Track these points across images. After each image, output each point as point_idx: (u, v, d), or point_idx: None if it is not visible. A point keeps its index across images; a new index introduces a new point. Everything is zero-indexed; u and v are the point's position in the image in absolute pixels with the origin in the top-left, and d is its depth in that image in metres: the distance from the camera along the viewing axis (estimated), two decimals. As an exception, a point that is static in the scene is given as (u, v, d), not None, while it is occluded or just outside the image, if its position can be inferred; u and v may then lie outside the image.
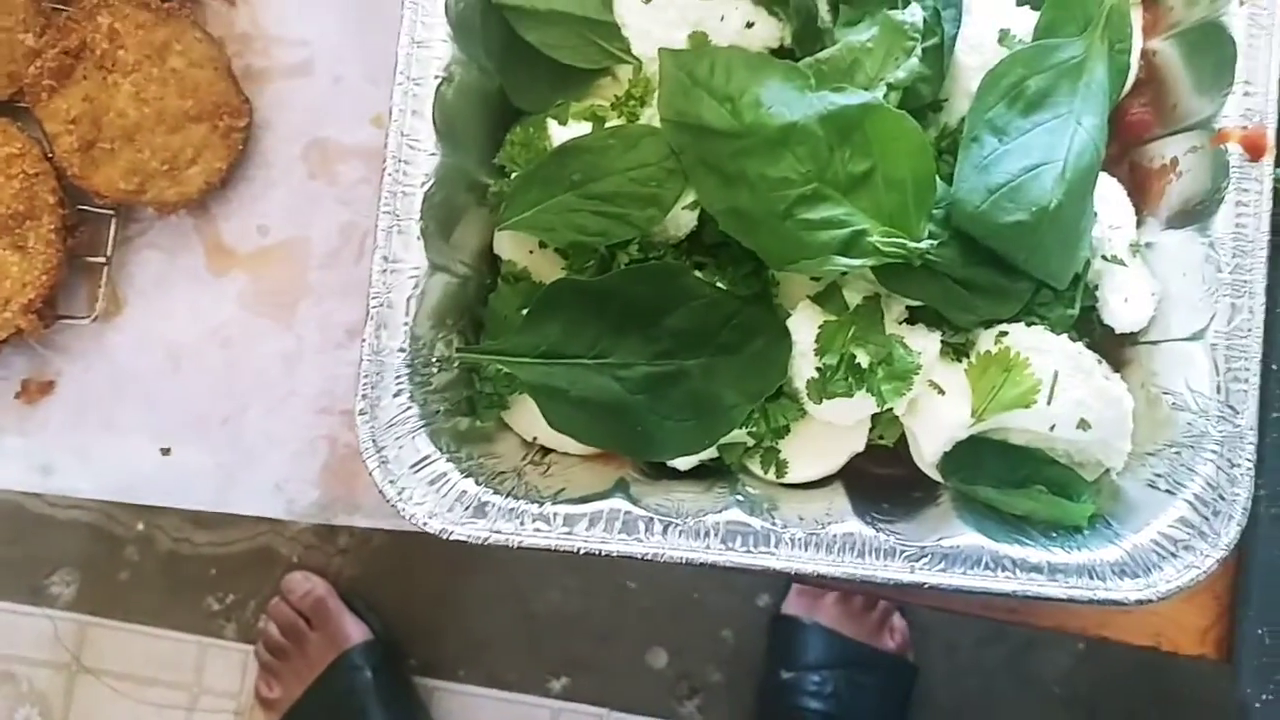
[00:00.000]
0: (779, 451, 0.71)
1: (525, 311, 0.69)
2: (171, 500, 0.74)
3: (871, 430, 0.71)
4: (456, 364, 0.70)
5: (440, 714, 1.51)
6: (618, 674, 1.52)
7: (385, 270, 0.66)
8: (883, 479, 0.73)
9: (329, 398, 0.76)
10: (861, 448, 0.71)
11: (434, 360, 0.69)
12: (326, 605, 1.46)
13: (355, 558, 1.52)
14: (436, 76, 0.68)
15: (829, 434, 0.71)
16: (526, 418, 0.73)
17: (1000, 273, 0.67)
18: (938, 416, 0.69)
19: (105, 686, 1.51)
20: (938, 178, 0.66)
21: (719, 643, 1.54)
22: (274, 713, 1.45)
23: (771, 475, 0.71)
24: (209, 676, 1.52)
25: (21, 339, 0.73)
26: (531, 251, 0.73)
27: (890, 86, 0.68)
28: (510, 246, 0.73)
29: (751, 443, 0.71)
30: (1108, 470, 0.70)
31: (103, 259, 0.77)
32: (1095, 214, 0.69)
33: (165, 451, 0.75)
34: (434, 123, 0.67)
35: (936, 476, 0.71)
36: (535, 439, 0.73)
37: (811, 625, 1.45)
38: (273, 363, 0.76)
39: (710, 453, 0.71)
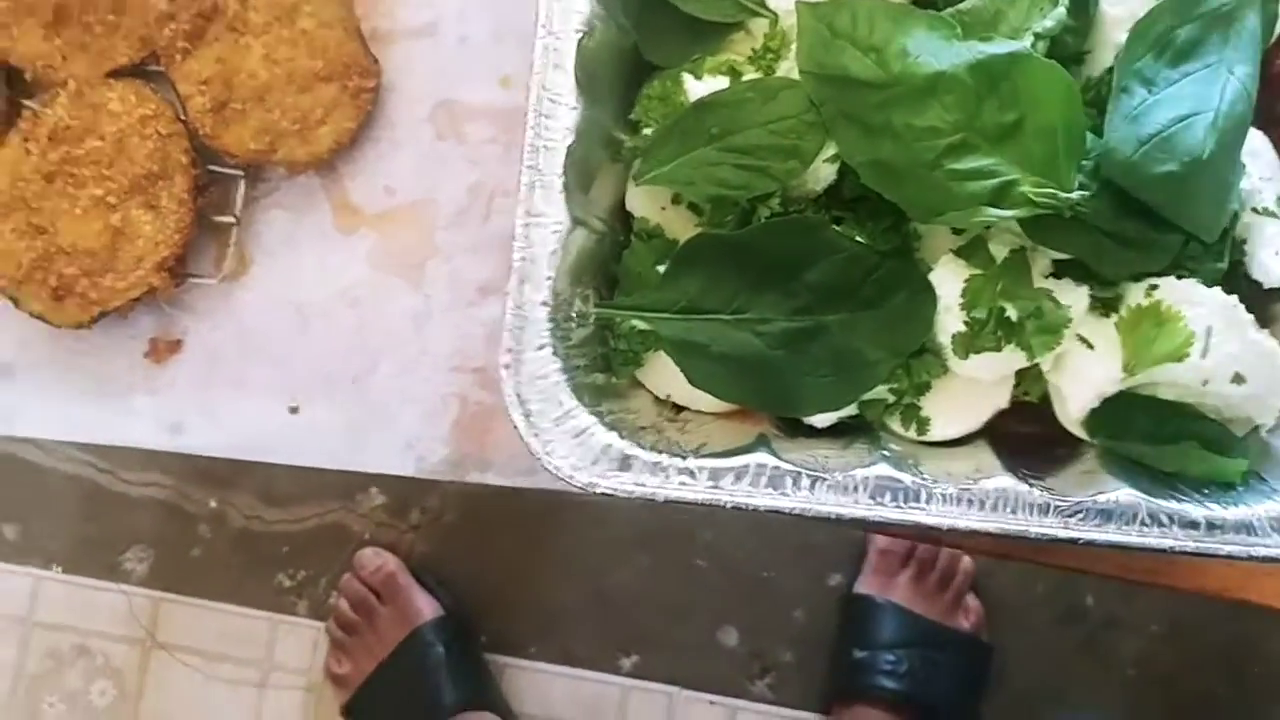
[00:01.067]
0: (920, 408, 0.70)
1: (663, 267, 0.69)
2: (300, 459, 0.73)
3: (1015, 387, 0.70)
4: (593, 320, 0.69)
5: (511, 690, 1.51)
6: (688, 652, 1.52)
7: (527, 225, 0.66)
8: (1024, 437, 0.71)
9: (460, 356, 0.75)
10: (1006, 404, 0.70)
11: (573, 315, 0.68)
12: (398, 581, 1.46)
13: (426, 534, 1.52)
14: (577, 30, 0.67)
15: (972, 390, 0.70)
16: (661, 375, 0.72)
17: (1150, 225, 0.66)
18: (1086, 372, 0.68)
19: (178, 662, 1.52)
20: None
21: (790, 622, 1.53)
22: (345, 689, 1.45)
23: (913, 433, 0.70)
24: (280, 652, 1.52)
25: (153, 297, 0.73)
26: (664, 208, 0.72)
27: (1037, 36, 0.67)
28: (643, 203, 0.72)
29: (892, 399, 0.70)
30: (1257, 427, 0.69)
31: (232, 219, 0.76)
32: (1244, 167, 0.68)
33: (294, 410, 0.75)
34: (575, 76, 0.66)
35: (1082, 434, 0.70)
36: (669, 396, 0.72)
37: (885, 604, 1.44)
38: (402, 321, 0.76)
39: (850, 410, 0.70)
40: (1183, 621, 1.50)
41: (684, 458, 0.65)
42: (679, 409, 0.73)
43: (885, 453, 0.66)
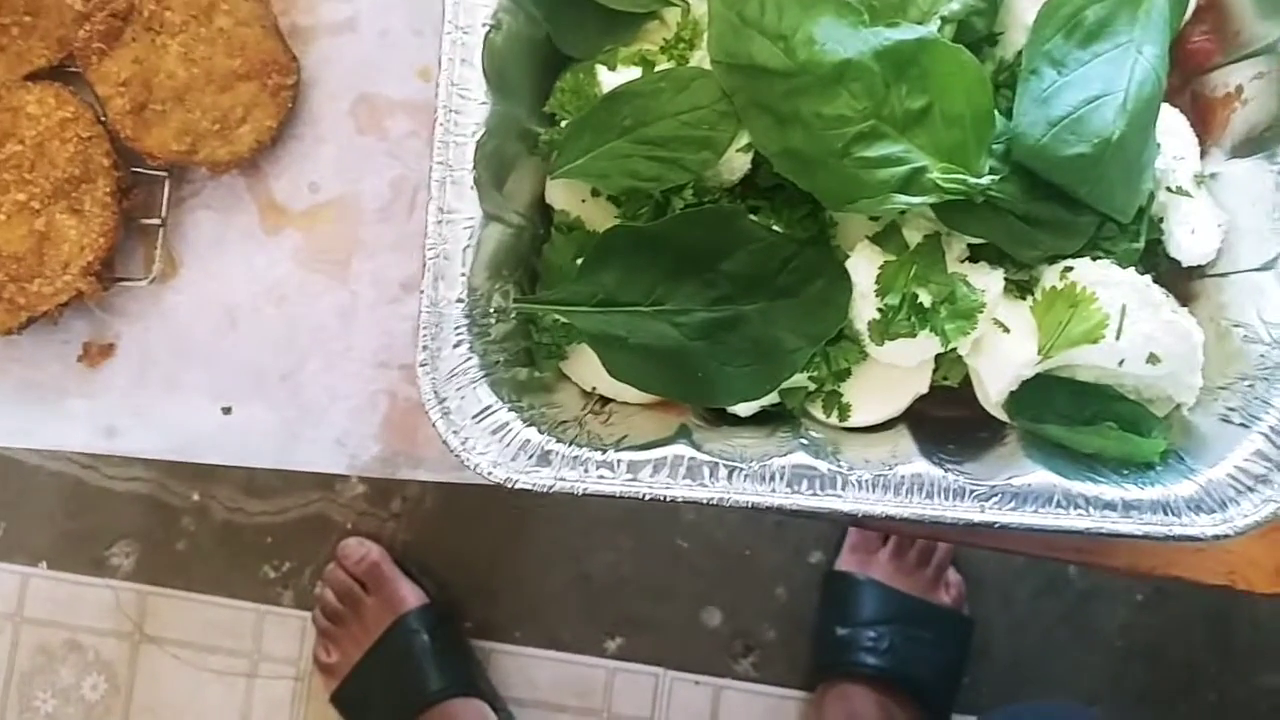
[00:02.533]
0: (841, 395, 0.70)
1: (580, 260, 0.69)
2: (235, 459, 0.74)
3: (935, 371, 0.70)
4: (514, 315, 0.70)
5: (497, 675, 1.52)
6: (672, 633, 1.53)
7: (440, 221, 0.66)
8: (946, 421, 0.72)
9: (387, 352, 0.76)
10: (925, 389, 0.70)
11: (491, 311, 0.68)
12: (381, 570, 1.47)
13: (409, 522, 1.53)
14: (485, 24, 0.67)
15: (891, 376, 0.70)
16: (585, 368, 0.72)
17: (1063, 207, 0.66)
18: (1003, 355, 0.68)
19: (168, 655, 1.53)
20: (996, 112, 0.65)
21: (773, 600, 1.54)
22: (333, 677, 1.46)
23: (834, 419, 0.70)
24: (268, 643, 1.54)
25: (81, 302, 0.74)
26: (584, 200, 0.72)
27: (944, 20, 0.67)
28: (562, 196, 0.72)
29: (813, 387, 0.70)
30: (1178, 406, 0.69)
31: (158, 221, 0.77)
32: (1158, 145, 0.68)
33: (227, 410, 0.76)
34: (484, 71, 0.66)
35: (1002, 416, 0.70)
36: (594, 389, 0.73)
37: (866, 581, 1.45)
38: (329, 318, 0.76)
39: (771, 398, 0.70)
40: (1166, 590, 1.50)
41: (604, 451, 0.66)
42: (605, 401, 0.73)
43: (803, 441, 0.67)
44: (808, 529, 1.54)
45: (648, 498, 0.65)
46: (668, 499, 0.65)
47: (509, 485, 0.66)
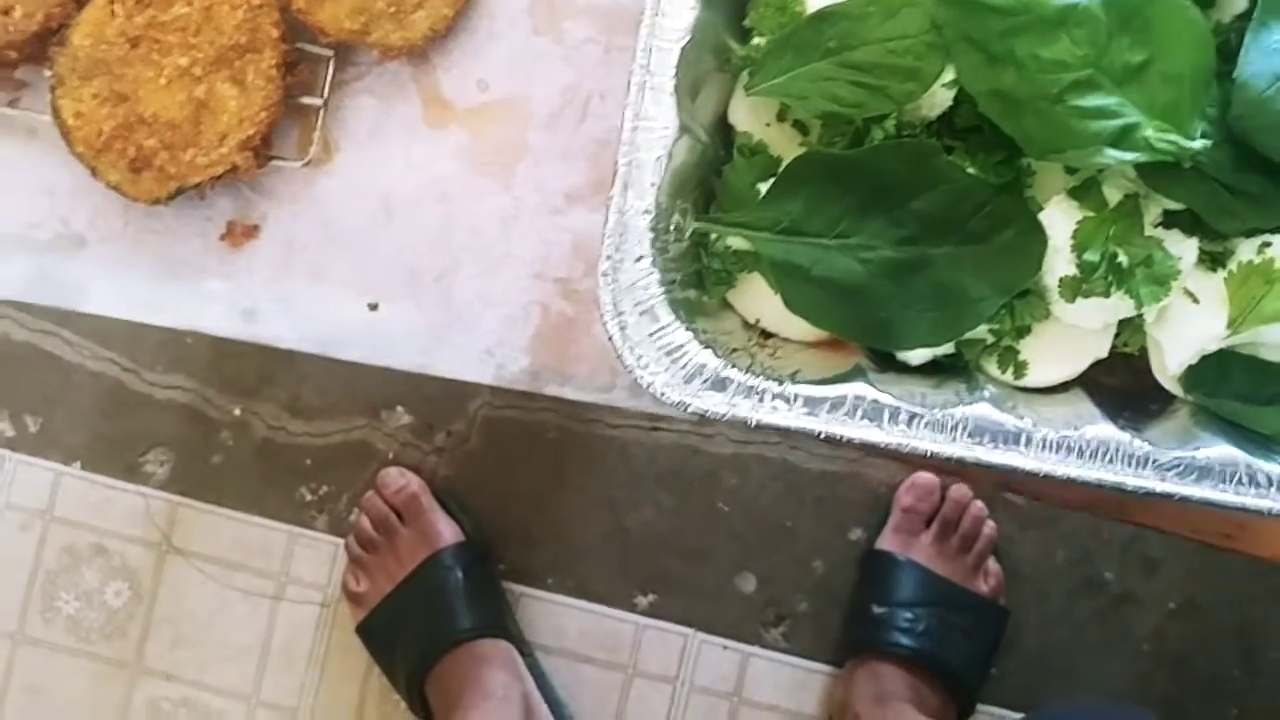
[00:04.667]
0: (1019, 352, 0.68)
1: (763, 186, 0.67)
2: (378, 357, 0.71)
3: (1116, 337, 0.69)
4: (689, 235, 0.67)
5: (526, 620, 1.50)
6: (705, 595, 1.51)
7: (635, 128, 0.63)
8: (1114, 389, 0.70)
9: (544, 263, 0.73)
10: (1105, 353, 0.68)
11: (671, 229, 0.66)
12: (420, 503, 1.45)
13: (451, 458, 1.51)
14: (697, -71, 0.64)
15: (1072, 337, 0.68)
16: (752, 298, 0.70)
17: (1270, 180, 0.64)
18: (1190, 326, 0.66)
19: (194, 568, 1.50)
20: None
21: (809, 572, 1.53)
22: (361, 607, 1.44)
23: (1009, 376, 0.68)
24: (297, 566, 1.51)
25: (233, 178, 0.71)
26: (769, 124, 0.70)
27: (1170, -26, 0.65)
28: (747, 117, 0.70)
29: (991, 340, 0.68)
30: (1358, 395, 0.67)
31: (318, 101, 0.74)
32: (1374, 123, 0.66)
33: (373, 307, 0.73)
34: (695, -26, 0.64)
35: (1176, 390, 0.69)
36: (758, 321, 0.71)
37: (906, 562, 1.44)
38: (489, 222, 0.73)
39: (947, 348, 0.68)
40: (1200, 602, 1.50)
41: (780, 382, 0.64)
42: (767, 335, 0.71)
43: (985, 393, 0.65)
44: (852, 505, 1.53)
45: (823, 435, 0.64)
46: (843, 438, 0.64)
47: (681, 409, 0.64)
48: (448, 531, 1.43)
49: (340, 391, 1.52)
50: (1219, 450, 0.63)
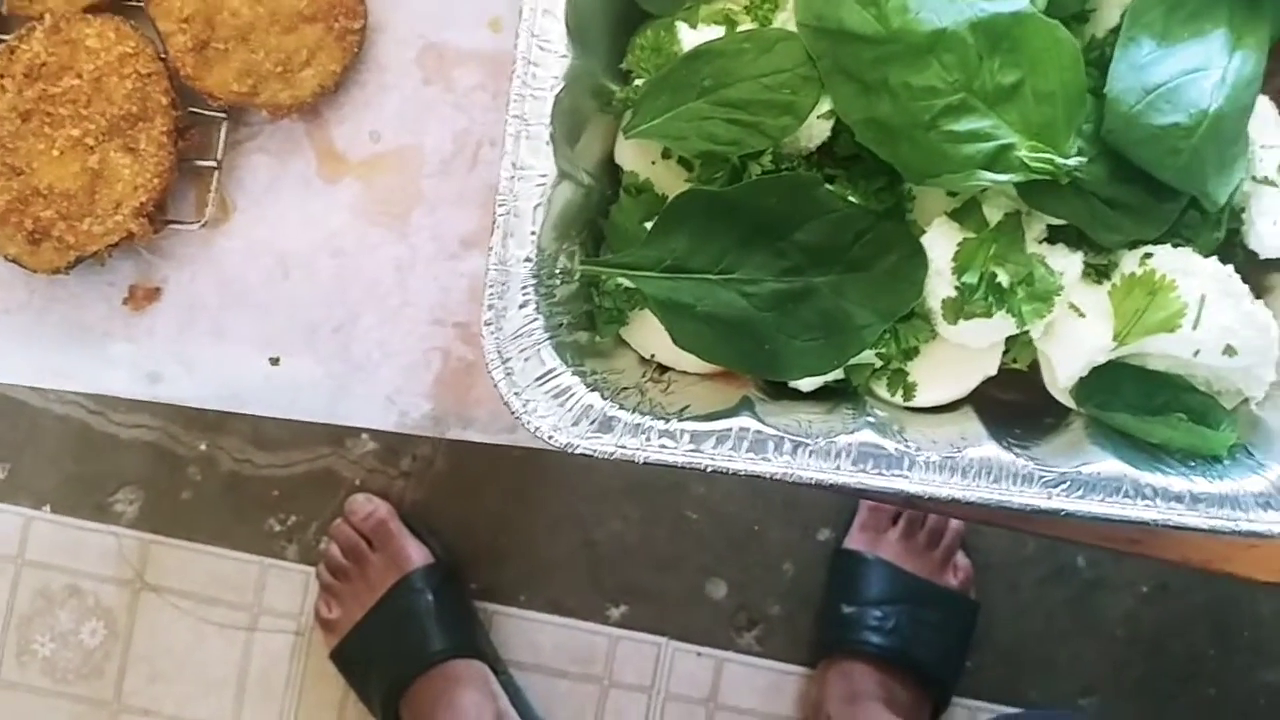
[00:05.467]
0: (907, 374, 0.69)
1: (650, 224, 0.67)
2: (281, 411, 0.72)
3: (1004, 354, 0.69)
4: (578, 277, 0.68)
5: (500, 638, 1.52)
6: (677, 603, 1.52)
7: (513, 177, 0.64)
8: (1009, 405, 0.71)
9: (442, 309, 0.74)
10: (994, 371, 0.69)
11: (557, 272, 0.67)
12: (389, 527, 1.46)
13: (418, 482, 1.52)
14: (567, -25, 0.65)
15: (960, 356, 0.69)
16: (646, 334, 0.71)
17: (1148, 191, 0.65)
18: (1077, 340, 0.67)
19: (168, 604, 1.52)
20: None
21: (779, 575, 1.54)
22: (334, 634, 1.45)
23: (899, 398, 0.69)
24: (270, 596, 1.52)
25: (131, 244, 0.72)
26: (654, 162, 0.71)
27: (1039, -6, 0.65)
28: (632, 157, 0.71)
29: (879, 364, 0.69)
30: (1246, 400, 0.68)
31: (213, 163, 0.75)
32: (1247, 134, 0.67)
33: (274, 361, 0.74)
34: (566, 23, 0.64)
35: (1069, 403, 0.69)
36: (653, 356, 0.71)
37: (874, 560, 1.45)
38: (385, 272, 0.74)
39: (836, 374, 0.69)
40: (1171, 584, 1.51)
41: (666, 420, 0.65)
42: (663, 369, 0.72)
43: (870, 419, 0.65)
44: (817, 506, 1.53)
45: (710, 470, 0.64)
46: (730, 472, 0.64)
47: (569, 450, 0.64)
48: (417, 555, 1.44)
49: (303, 422, 1.54)
50: (1104, 465, 0.64)
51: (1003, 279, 0.65)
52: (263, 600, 1.51)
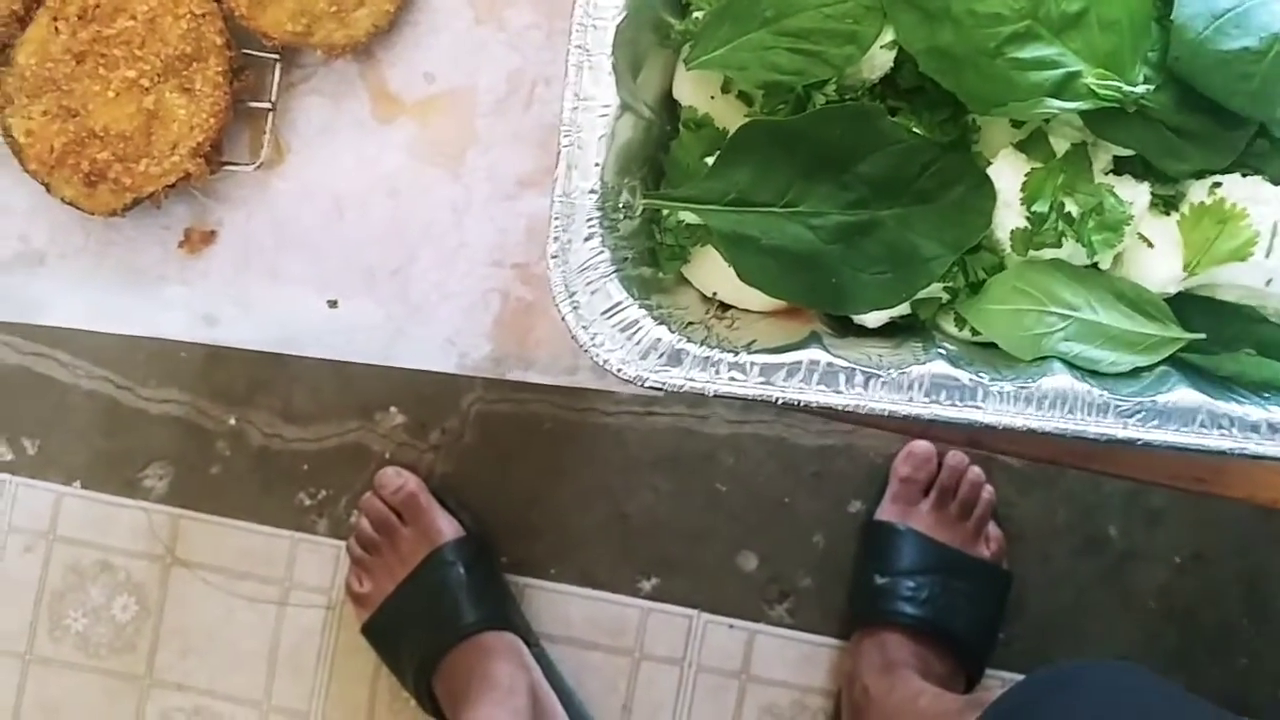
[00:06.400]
0: (975, 307, 0.68)
1: (712, 158, 0.67)
2: (340, 354, 0.72)
3: (1073, 286, 0.68)
4: (640, 213, 0.68)
5: (531, 611, 1.51)
6: (708, 576, 1.51)
7: (576, 108, 0.64)
8: (1079, 338, 0.70)
9: (500, 250, 0.73)
10: (1061, 304, 0.68)
11: (620, 207, 0.66)
12: (419, 501, 1.45)
13: (447, 455, 1.51)
14: (625, -94, 0.64)
15: (1028, 289, 0.68)
16: (708, 271, 0.70)
17: (1216, 119, 0.64)
18: (1146, 270, 0.66)
19: (199, 579, 1.51)
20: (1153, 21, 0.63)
21: (810, 547, 1.53)
22: (365, 608, 1.45)
23: (966, 333, 0.68)
24: (300, 571, 1.52)
25: (187, 185, 0.72)
26: (713, 96, 0.70)
27: (1104, -81, 0.64)
28: (692, 91, 0.70)
29: (946, 299, 0.68)
30: (1318, 330, 0.67)
31: (267, 104, 0.74)
32: (1315, 60, 0.66)
33: (332, 304, 0.73)
34: (626, -46, 0.64)
35: (1139, 335, 0.68)
36: (715, 294, 0.71)
37: (906, 531, 1.44)
38: (442, 213, 0.74)
39: (903, 308, 0.68)
40: (1205, 554, 1.50)
41: (735, 353, 0.64)
42: (725, 307, 0.71)
43: (941, 351, 0.65)
44: (849, 478, 1.53)
45: (781, 401, 0.64)
46: (802, 403, 0.64)
47: (639, 384, 0.64)
48: (447, 528, 1.43)
49: (332, 394, 1.53)
50: (1179, 394, 0.63)
51: (1072, 209, 0.65)
52: (293, 575, 1.51)
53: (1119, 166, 0.67)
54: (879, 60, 0.66)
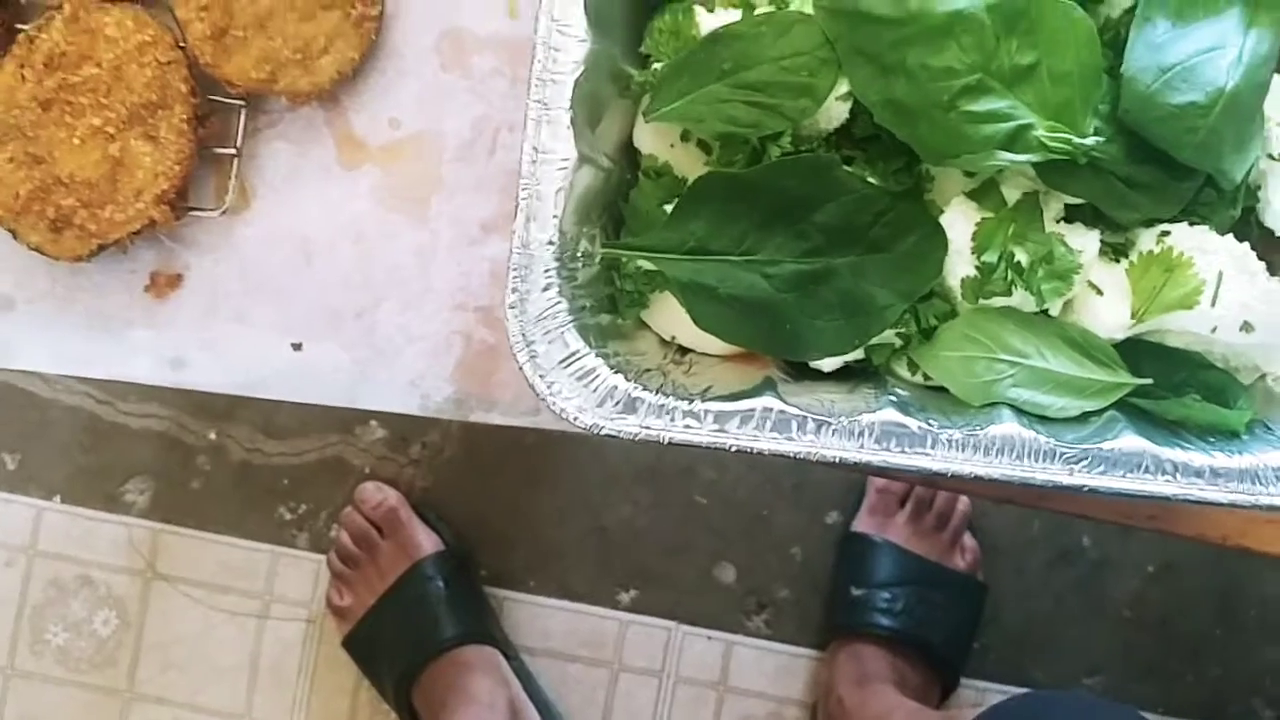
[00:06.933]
0: (927, 353, 0.69)
1: (670, 206, 0.68)
2: (305, 396, 0.73)
3: (1023, 332, 0.70)
4: (599, 260, 0.69)
5: (511, 623, 1.52)
6: (686, 588, 1.53)
7: (534, 161, 0.65)
8: (1029, 383, 0.71)
9: (464, 294, 0.74)
10: (1012, 350, 0.69)
11: (579, 255, 0.67)
12: (399, 515, 1.47)
13: (427, 469, 1.53)
14: (585, -40, 0.65)
15: (979, 336, 0.69)
16: (667, 316, 0.71)
17: (1164, 170, 0.65)
18: (1095, 318, 0.67)
19: (180, 593, 1.52)
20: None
21: (787, 559, 1.54)
22: (346, 621, 1.46)
23: (919, 378, 0.70)
24: (281, 585, 1.53)
25: (152, 231, 0.72)
26: (673, 145, 0.71)
27: (1054, -26, 0.65)
28: (651, 140, 0.71)
29: (899, 344, 0.70)
30: (1264, 375, 0.69)
31: (233, 151, 0.75)
32: (1263, 112, 0.67)
33: (297, 347, 0.74)
34: (585, 8, 0.65)
35: (1087, 380, 0.70)
36: (674, 338, 0.72)
37: (883, 543, 1.45)
38: (407, 258, 0.75)
39: (856, 354, 0.69)
40: (1178, 564, 1.51)
41: (690, 400, 0.65)
42: (684, 351, 0.72)
43: (892, 397, 0.66)
44: (826, 490, 1.54)
45: (734, 449, 0.65)
46: (755, 451, 0.65)
47: (595, 432, 0.65)
48: (427, 542, 1.45)
49: (312, 410, 1.54)
50: (1125, 440, 0.64)
51: (1022, 258, 0.66)
52: (274, 588, 1.52)
53: (1070, 214, 0.68)
54: (834, 111, 0.67)
